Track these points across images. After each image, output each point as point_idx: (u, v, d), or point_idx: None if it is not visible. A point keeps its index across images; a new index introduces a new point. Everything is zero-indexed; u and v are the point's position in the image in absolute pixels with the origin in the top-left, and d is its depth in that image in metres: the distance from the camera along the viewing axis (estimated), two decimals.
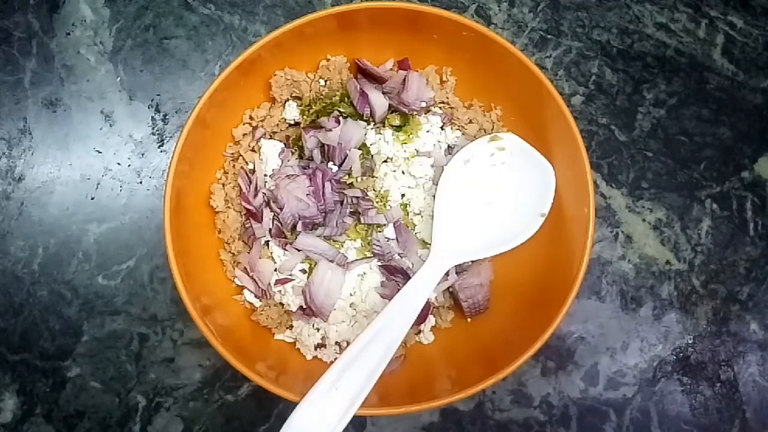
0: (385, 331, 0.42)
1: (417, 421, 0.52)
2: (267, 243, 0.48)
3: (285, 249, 0.47)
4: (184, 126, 0.43)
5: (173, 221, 0.42)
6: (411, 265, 0.48)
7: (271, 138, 0.50)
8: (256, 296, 0.48)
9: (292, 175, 0.47)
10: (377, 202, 0.48)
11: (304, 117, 0.49)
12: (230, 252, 0.49)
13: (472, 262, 0.50)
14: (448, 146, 0.50)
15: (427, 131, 0.49)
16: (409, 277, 0.47)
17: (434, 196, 0.47)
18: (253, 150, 0.49)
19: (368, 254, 0.48)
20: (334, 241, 0.48)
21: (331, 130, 0.47)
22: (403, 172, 0.49)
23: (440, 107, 0.51)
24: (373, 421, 0.51)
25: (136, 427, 0.52)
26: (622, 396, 0.53)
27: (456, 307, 0.50)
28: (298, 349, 0.48)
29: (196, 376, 0.52)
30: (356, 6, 0.45)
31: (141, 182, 0.54)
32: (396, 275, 0.47)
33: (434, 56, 0.50)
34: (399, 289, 0.48)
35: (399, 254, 0.48)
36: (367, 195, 0.48)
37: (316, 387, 0.40)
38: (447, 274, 0.49)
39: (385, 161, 0.49)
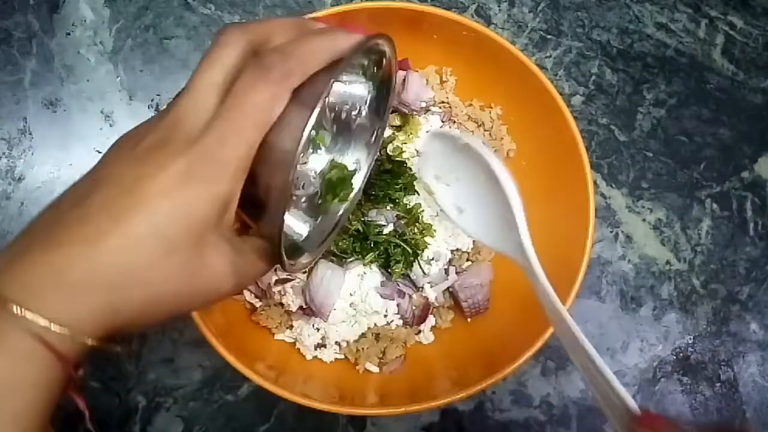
0: None
1: (417, 421, 0.52)
2: None
3: None
4: None
5: None
6: None
7: None
8: (256, 296, 0.48)
9: None
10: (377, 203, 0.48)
11: None
12: None
13: (472, 262, 0.50)
14: None
15: (427, 131, 0.49)
16: (409, 278, 0.48)
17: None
18: None
19: None
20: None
21: None
22: None
23: (440, 107, 0.51)
24: (373, 421, 0.51)
25: (136, 427, 0.52)
26: None
27: (456, 307, 0.50)
28: (298, 349, 0.48)
29: (196, 376, 0.52)
30: (356, 6, 0.45)
31: None
32: None
33: (434, 56, 0.50)
34: (399, 290, 0.48)
35: None
36: None
37: None
38: (447, 273, 0.49)
39: None
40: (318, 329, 0.48)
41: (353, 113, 0.39)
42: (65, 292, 0.24)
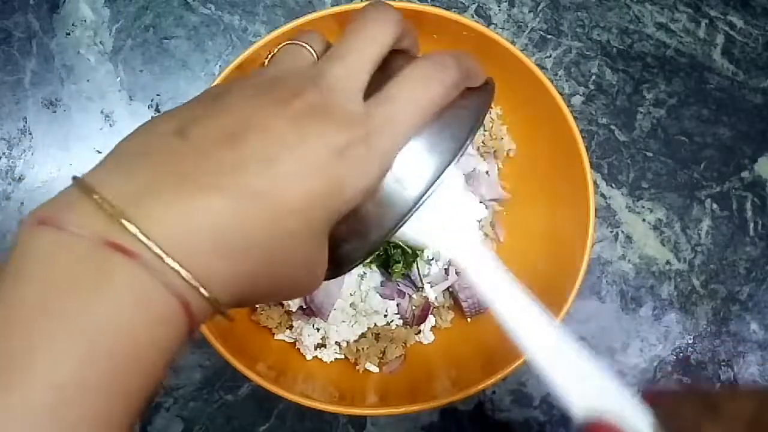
0: None
1: (417, 421, 0.52)
2: None
3: None
4: None
5: None
6: None
7: None
8: None
9: None
10: None
11: None
12: None
13: None
14: None
15: None
16: (410, 278, 0.48)
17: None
18: None
19: None
20: None
21: None
22: None
23: None
24: (373, 421, 0.51)
25: (136, 427, 0.51)
26: None
27: (456, 307, 0.50)
28: (298, 349, 0.48)
29: (196, 376, 0.52)
30: (356, 6, 0.45)
31: None
32: None
33: None
34: (399, 290, 0.48)
35: None
36: None
37: None
38: (447, 273, 0.49)
39: None
40: (318, 329, 0.48)
41: None
42: (218, 248, 0.20)
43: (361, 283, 0.48)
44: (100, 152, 0.54)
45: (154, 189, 0.20)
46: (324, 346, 0.48)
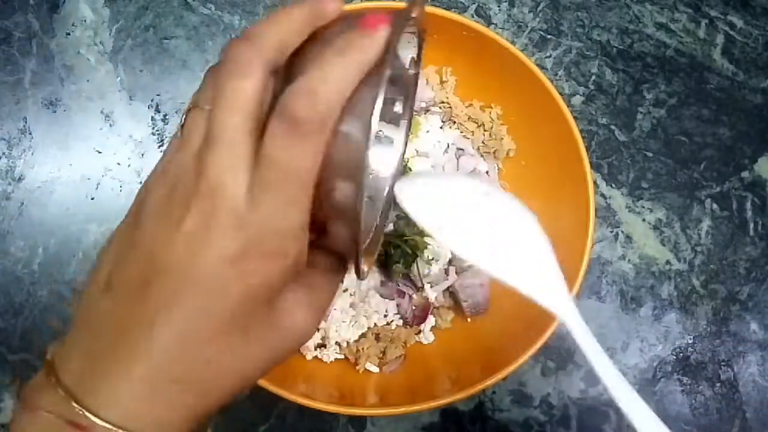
0: None
1: (417, 421, 0.52)
2: None
3: None
4: None
5: None
6: None
7: None
8: None
9: None
10: None
11: None
12: None
13: None
14: (447, 145, 0.50)
15: (427, 131, 0.49)
16: (409, 278, 0.48)
17: None
18: None
19: None
20: None
21: None
22: None
23: (440, 107, 0.51)
24: (373, 421, 0.51)
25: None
26: None
27: (456, 307, 0.50)
28: (298, 349, 0.48)
29: None
30: (356, 6, 0.45)
31: (141, 182, 0.54)
32: None
33: (434, 56, 0.50)
34: (399, 290, 0.48)
35: None
36: None
37: None
38: (447, 273, 0.49)
39: None
40: (318, 329, 0.48)
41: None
42: (154, 405, 0.23)
43: (361, 283, 0.48)
44: (100, 152, 0.54)
45: (94, 366, 0.23)
46: (324, 346, 0.48)
